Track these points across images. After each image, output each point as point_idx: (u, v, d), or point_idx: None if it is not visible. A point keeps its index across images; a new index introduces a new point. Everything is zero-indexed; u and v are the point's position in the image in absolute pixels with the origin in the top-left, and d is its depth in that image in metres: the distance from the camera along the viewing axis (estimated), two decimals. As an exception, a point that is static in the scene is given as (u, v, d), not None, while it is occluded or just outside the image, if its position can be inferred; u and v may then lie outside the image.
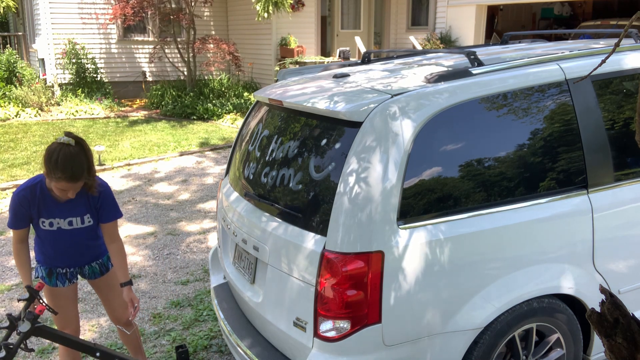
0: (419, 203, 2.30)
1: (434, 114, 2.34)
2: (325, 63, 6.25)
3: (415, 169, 2.29)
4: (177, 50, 12.69)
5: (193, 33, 12.34)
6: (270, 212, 2.62)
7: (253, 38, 13.70)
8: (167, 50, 13.13)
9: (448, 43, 12.57)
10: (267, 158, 2.76)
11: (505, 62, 2.63)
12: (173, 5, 12.70)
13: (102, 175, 7.50)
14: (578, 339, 2.70)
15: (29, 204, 2.70)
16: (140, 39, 13.86)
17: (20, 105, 11.63)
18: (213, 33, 14.28)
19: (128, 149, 9.04)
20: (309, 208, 2.41)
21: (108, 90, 12.94)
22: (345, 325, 2.25)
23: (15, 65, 12.66)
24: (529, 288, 2.46)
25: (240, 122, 8.50)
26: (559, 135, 2.57)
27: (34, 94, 11.75)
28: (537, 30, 6.47)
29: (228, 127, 11.04)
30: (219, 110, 11.72)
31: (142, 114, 12.06)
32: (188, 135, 10.12)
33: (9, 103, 11.70)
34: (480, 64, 2.60)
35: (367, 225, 2.21)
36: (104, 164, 8.07)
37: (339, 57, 12.31)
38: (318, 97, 2.57)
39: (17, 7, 15.11)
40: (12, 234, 2.80)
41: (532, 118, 2.54)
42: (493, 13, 15.54)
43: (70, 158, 2.55)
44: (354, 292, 2.21)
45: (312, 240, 2.34)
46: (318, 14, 13.34)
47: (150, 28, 13.76)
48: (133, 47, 13.79)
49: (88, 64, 12.84)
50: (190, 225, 5.89)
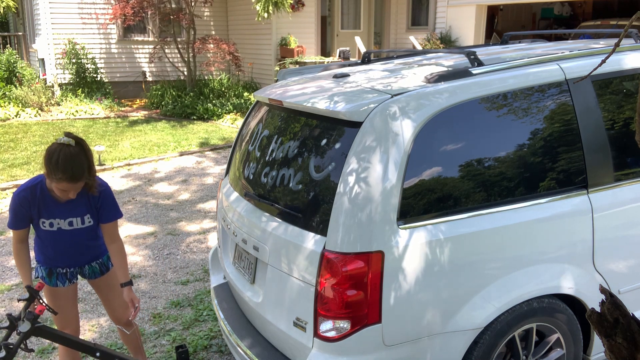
0: (419, 203, 2.30)
1: (434, 114, 2.34)
2: (325, 63, 6.25)
3: (415, 169, 2.29)
4: (177, 50, 12.69)
5: (193, 33, 12.34)
6: (270, 212, 2.62)
7: (253, 38, 13.70)
8: (167, 50, 13.13)
9: (448, 43, 12.57)
10: (267, 158, 2.76)
11: (505, 62, 2.63)
12: (173, 5, 12.70)
13: (102, 175, 7.50)
14: (578, 339, 2.70)
15: (29, 205, 2.70)
16: (140, 39, 13.86)
17: (20, 105, 11.63)
18: (213, 33, 14.28)
19: (128, 149, 9.04)
20: (309, 208, 2.41)
21: (108, 90, 12.94)
22: (345, 325, 2.25)
23: (15, 65, 12.66)
24: (529, 288, 2.46)
25: (240, 122, 8.50)
26: (559, 135, 2.57)
27: (34, 94, 11.75)
28: (537, 30, 6.47)
29: (228, 127, 11.04)
30: (219, 110, 11.72)
31: (142, 114, 12.06)
32: (188, 135, 10.12)
33: (9, 103, 11.70)
34: (480, 64, 2.60)
35: (367, 225, 2.21)
36: (104, 164, 8.07)
37: (339, 57, 12.31)
38: (318, 97, 2.57)
39: (17, 7, 15.11)
40: (12, 234, 2.80)
41: (532, 118, 2.54)
42: (493, 13, 15.54)
43: (71, 158, 2.55)
44: (354, 292, 2.21)
45: (312, 240, 2.34)
46: (318, 14, 13.34)
47: (150, 28, 13.76)
48: (133, 47, 13.80)
49: (88, 64, 12.84)
50: (190, 225, 5.89)
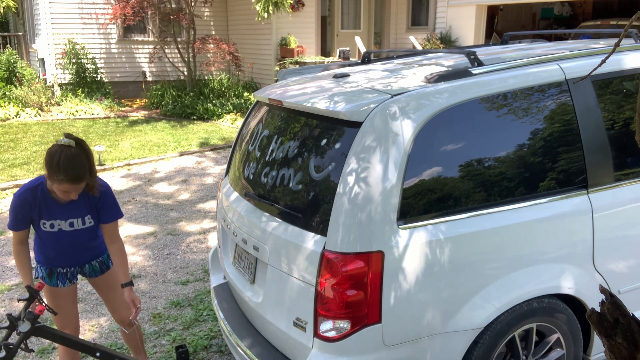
0: (419, 203, 2.30)
1: (434, 114, 2.34)
2: (325, 63, 6.25)
3: (415, 169, 2.29)
4: (177, 50, 12.69)
5: (193, 33, 12.34)
6: (270, 212, 2.62)
7: (253, 38, 13.70)
8: (167, 50, 13.13)
9: (448, 43, 12.57)
10: (267, 158, 2.76)
11: (505, 62, 2.63)
12: (173, 5, 12.69)
13: (102, 176, 7.50)
14: (578, 339, 2.70)
15: (30, 206, 2.70)
16: (140, 39, 13.86)
17: (20, 105, 11.63)
18: (213, 33, 14.28)
19: (128, 149, 9.04)
20: (309, 208, 2.41)
21: (108, 90, 12.94)
22: (345, 325, 2.25)
23: (15, 65, 12.66)
24: (529, 288, 2.46)
25: (240, 122, 8.50)
26: (559, 135, 2.57)
27: (34, 94, 11.75)
28: (537, 30, 6.47)
29: (228, 127, 11.04)
30: (219, 110, 11.72)
31: (142, 114, 12.06)
32: (188, 135, 10.12)
33: (9, 103, 11.70)
34: (480, 64, 2.60)
35: (367, 225, 2.21)
36: (104, 164, 8.07)
37: (339, 57, 12.30)
38: (318, 97, 2.57)
39: (17, 7, 15.11)
40: (12, 235, 2.80)
41: (532, 118, 2.54)
42: (493, 13, 15.54)
43: (72, 160, 2.55)
44: (354, 292, 2.21)
45: (312, 240, 2.34)
46: (318, 14, 13.34)
47: (150, 28, 13.75)
48: (133, 47, 13.79)
49: (88, 64, 12.83)
50: (190, 225, 5.89)
